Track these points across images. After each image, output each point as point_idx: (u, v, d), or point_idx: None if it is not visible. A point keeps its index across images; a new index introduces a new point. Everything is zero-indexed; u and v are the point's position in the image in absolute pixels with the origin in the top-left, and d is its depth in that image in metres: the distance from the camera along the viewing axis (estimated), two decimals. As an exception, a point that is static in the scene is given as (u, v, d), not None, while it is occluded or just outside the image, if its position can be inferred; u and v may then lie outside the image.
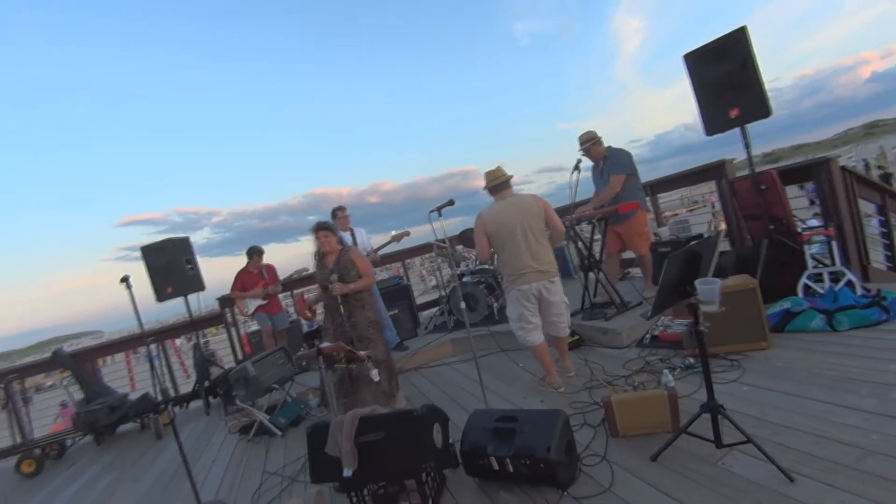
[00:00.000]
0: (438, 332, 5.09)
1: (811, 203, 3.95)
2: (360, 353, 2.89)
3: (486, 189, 3.26)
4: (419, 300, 6.30)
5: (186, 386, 5.70)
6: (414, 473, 2.14)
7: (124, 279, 2.49)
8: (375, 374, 2.96)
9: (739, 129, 3.57)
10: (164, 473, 3.62)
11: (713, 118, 3.66)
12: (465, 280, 5.16)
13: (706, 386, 2.04)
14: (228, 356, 5.82)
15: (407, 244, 5.75)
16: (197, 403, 5.18)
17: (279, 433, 3.64)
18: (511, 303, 3.22)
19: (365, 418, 2.24)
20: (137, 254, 4.88)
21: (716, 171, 4.34)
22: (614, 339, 3.66)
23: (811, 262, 3.41)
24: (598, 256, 4.20)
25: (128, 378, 8.39)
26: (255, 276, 5.34)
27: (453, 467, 2.42)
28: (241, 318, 5.72)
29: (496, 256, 3.43)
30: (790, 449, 1.95)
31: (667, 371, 2.71)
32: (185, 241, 4.99)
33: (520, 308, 3.14)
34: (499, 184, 3.18)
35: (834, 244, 3.39)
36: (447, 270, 6.65)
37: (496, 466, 2.17)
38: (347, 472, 2.14)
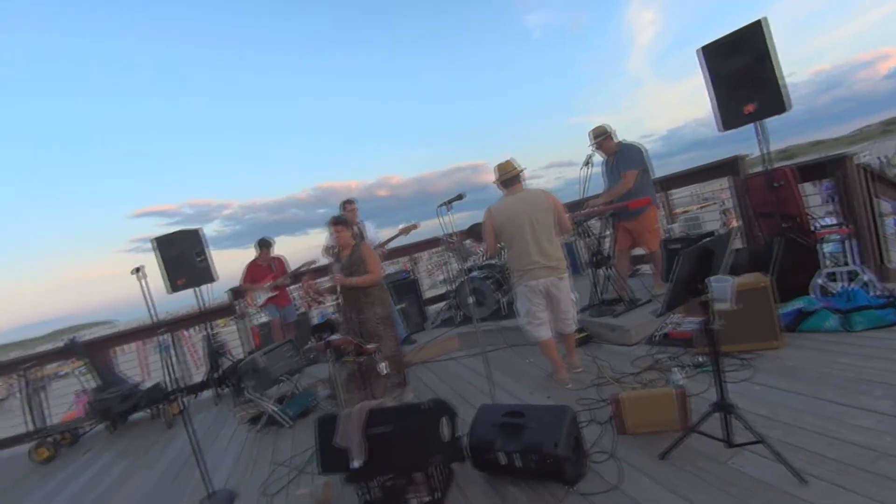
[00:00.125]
0: (445, 326, 5.10)
1: (826, 201, 3.88)
2: (368, 346, 2.91)
3: (496, 182, 3.24)
4: (426, 294, 6.31)
5: (197, 376, 5.79)
6: (421, 466, 2.15)
7: (137, 269, 2.52)
8: (383, 368, 2.98)
9: (754, 125, 3.51)
10: (174, 462, 3.68)
11: (728, 113, 3.61)
12: (473, 275, 5.16)
13: (717, 384, 2.02)
14: (238, 348, 5.90)
15: (415, 237, 5.76)
16: (207, 394, 5.26)
17: (288, 424, 3.68)
18: (519, 298, 3.22)
19: (373, 411, 2.26)
20: (149, 245, 4.93)
21: (729, 167, 4.27)
22: (623, 336, 3.64)
23: (825, 262, 3.36)
24: (607, 253, 4.17)
25: (139, 368, 8.52)
26: (263, 268, 5.37)
27: (461, 461, 2.44)
28: (250, 310, 5.77)
29: (504, 251, 3.42)
30: (802, 449, 1.93)
31: (676, 369, 2.69)
32: (197, 232, 5.03)
33: (527, 303, 3.13)
34: (510, 178, 3.17)
35: (850, 243, 3.34)
36: (455, 265, 6.65)
37: (504, 461, 2.18)
38: (356, 464, 2.16)
